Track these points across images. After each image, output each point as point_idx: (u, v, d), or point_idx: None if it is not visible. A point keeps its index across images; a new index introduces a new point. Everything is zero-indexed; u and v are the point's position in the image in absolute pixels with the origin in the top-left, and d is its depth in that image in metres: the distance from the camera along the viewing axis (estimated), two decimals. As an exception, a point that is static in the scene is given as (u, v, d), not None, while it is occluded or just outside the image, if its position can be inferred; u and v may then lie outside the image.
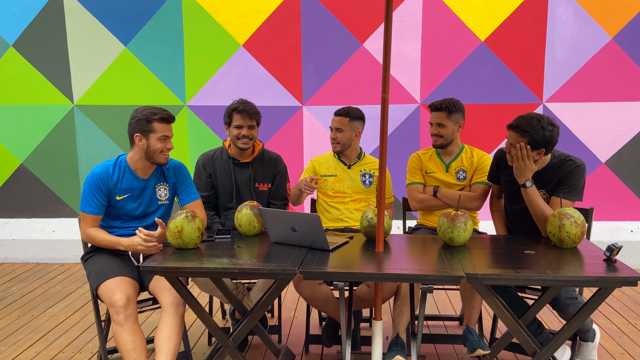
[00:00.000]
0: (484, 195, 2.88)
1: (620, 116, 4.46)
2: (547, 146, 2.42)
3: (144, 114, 2.48)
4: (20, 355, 2.94)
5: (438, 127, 2.88)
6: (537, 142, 2.39)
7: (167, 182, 2.65)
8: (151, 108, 2.50)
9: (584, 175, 2.51)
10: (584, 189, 2.55)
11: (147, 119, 2.46)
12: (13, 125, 4.79)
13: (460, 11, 4.40)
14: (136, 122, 2.48)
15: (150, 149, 2.49)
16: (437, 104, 2.89)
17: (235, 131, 2.82)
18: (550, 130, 2.39)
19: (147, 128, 2.47)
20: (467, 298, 2.61)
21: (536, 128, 2.38)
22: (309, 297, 2.60)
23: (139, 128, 2.47)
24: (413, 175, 3.01)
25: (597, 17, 4.32)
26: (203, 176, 2.89)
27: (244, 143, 2.83)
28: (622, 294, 3.77)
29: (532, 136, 2.39)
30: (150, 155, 2.51)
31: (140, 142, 2.49)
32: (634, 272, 1.92)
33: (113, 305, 2.26)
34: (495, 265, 2.11)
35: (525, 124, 2.40)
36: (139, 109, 2.51)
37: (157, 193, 2.62)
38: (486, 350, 2.42)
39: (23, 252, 4.76)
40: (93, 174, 2.49)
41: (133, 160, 2.55)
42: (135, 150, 2.53)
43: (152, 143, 2.48)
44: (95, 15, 4.55)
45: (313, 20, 4.49)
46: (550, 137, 2.39)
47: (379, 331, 2.27)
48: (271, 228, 2.36)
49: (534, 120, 2.40)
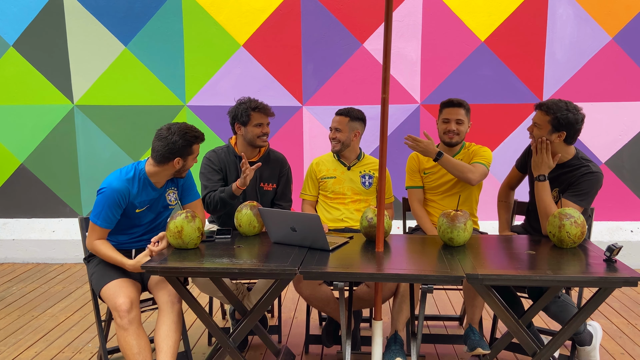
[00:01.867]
0: (482, 174, 2.81)
1: (620, 116, 4.46)
2: (569, 129, 2.44)
3: (187, 139, 2.39)
4: (20, 355, 2.95)
5: (457, 124, 2.84)
6: (560, 122, 2.42)
7: (176, 185, 2.62)
8: (189, 130, 2.42)
9: (596, 183, 2.46)
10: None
11: (190, 143, 2.41)
12: (13, 125, 4.79)
13: (460, 11, 4.40)
14: (178, 147, 2.39)
15: (186, 167, 2.49)
16: (455, 100, 2.86)
17: (256, 130, 2.80)
18: (575, 113, 2.43)
19: (187, 152, 2.43)
20: (470, 297, 2.61)
21: (562, 109, 2.43)
22: (309, 297, 2.60)
23: (180, 153, 2.41)
24: (412, 178, 3.00)
25: (597, 17, 4.32)
26: (214, 168, 2.85)
27: (264, 140, 2.84)
28: (622, 294, 3.77)
29: (556, 114, 2.42)
30: (179, 172, 2.51)
31: (177, 164, 2.44)
32: (634, 272, 1.92)
33: (116, 309, 2.25)
34: (495, 265, 2.11)
35: (552, 103, 2.47)
36: (177, 132, 2.38)
37: (167, 199, 2.60)
38: (486, 349, 2.42)
39: (23, 252, 4.76)
40: (114, 189, 2.37)
41: (154, 174, 2.47)
42: (167, 167, 2.45)
43: (188, 163, 2.48)
44: (95, 15, 4.55)
45: (313, 20, 4.49)
46: (574, 120, 2.43)
47: (379, 331, 2.27)
48: (271, 228, 2.36)
49: (562, 102, 2.46)
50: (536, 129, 2.50)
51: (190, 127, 2.45)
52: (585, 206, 2.47)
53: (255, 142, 2.82)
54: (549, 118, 2.44)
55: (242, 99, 2.87)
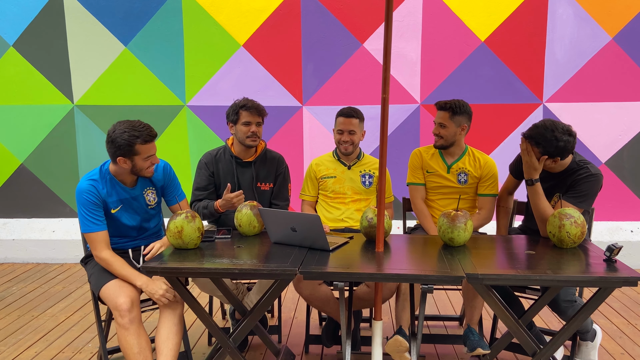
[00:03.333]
0: (493, 207, 2.87)
1: (620, 116, 4.46)
2: (562, 154, 2.40)
3: (125, 139, 2.29)
4: (20, 355, 2.94)
5: (439, 127, 2.84)
6: (551, 153, 2.38)
7: (154, 186, 2.59)
8: (130, 129, 2.31)
9: (596, 184, 2.45)
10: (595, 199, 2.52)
11: (129, 143, 2.30)
12: (13, 125, 4.79)
13: (460, 11, 4.40)
14: (117, 147, 2.31)
15: (137, 168, 2.39)
16: (442, 103, 2.83)
17: (243, 128, 2.80)
18: (565, 140, 2.35)
19: (130, 152, 2.33)
20: (469, 298, 2.61)
21: (550, 140, 2.35)
22: (308, 298, 2.60)
23: (120, 153, 2.33)
24: (414, 174, 2.98)
25: (597, 17, 4.32)
26: (205, 175, 2.89)
27: (253, 140, 2.82)
28: (622, 294, 3.77)
29: (546, 148, 2.37)
30: (136, 172, 2.42)
31: (125, 165, 2.37)
32: (634, 272, 1.93)
33: (117, 309, 2.25)
34: (495, 265, 2.11)
35: (539, 136, 2.37)
36: (118, 130, 2.31)
37: (146, 199, 2.55)
38: (486, 349, 2.42)
39: (23, 252, 4.76)
40: (81, 191, 2.36)
41: (117, 173, 2.45)
42: (119, 167, 2.40)
43: (138, 164, 2.38)
44: (95, 15, 4.55)
45: (313, 20, 4.49)
46: (564, 148, 2.36)
47: (379, 331, 2.27)
48: (271, 228, 2.36)
49: (548, 131, 2.35)
50: (529, 157, 2.44)
51: (134, 127, 2.32)
52: (585, 207, 2.46)
53: (244, 141, 2.82)
54: (540, 150, 2.40)
55: (237, 100, 2.88)
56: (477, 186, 2.89)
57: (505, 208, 2.85)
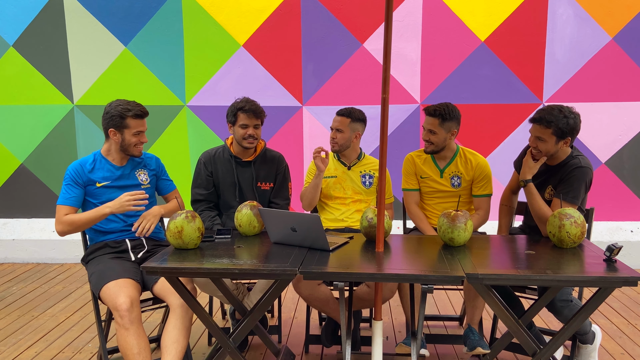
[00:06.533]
0: (489, 207, 2.87)
1: (620, 116, 4.46)
2: (572, 134, 2.45)
3: (118, 110, 2.53)
4: (20, 355, 2.94)
5: (429, 134, 2.81)
6: (563, 130, 2.42)
7: (146, 168, 2.73)
8: (125, 103, 2.55)
9: (583, 177, 2.46)
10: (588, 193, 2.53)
11: (121, 115, 2.52)
12: (13, 125, 4.79)
13: (460, 11, 4.40)
14: (110, 117, 2.54)
15: (125, 142, 2.58)
16: (431, 109, 2.79)
17: (241, 131, 2.80)
18: (573, 117, 2.43)
19: (121, 124, 2.53)
20: (471, 298, 2.60)
21: (559, 117, 2.41)
22: (308, 298, 2.60)
23: (113, 124, 2.54)
24: (408, 179, 2.98)
25: (597, 17, 4.32)
26: (204, 174, 2.89)
27: (250, 142, 2.82)
28: (622, 294, 3.77)
29: (558, 125, 2.41)
30: (125, 148, 2.59)
31: (115, 137, 2.57)
32: (634, 272, 1.92)
33: (117, 309, 2.25)
34: (495, 265, 2.11)
35: (549, 115, 2.43)
36: (113, 104, 2.56)
37: (137, 178, 2.68)
38: (486, 349, 2.42)
39: (23, 252, 4.76)
40: (68, 169, 2.56)
41: (108, 152, 2.63)
42: (110, 142, 2.61)
43: (126, 138, 2.57)
44: (95, 15, 4.55)
45: (313, 20, 4.49)
46: (574, 125, 2.43)
47: (379, 331, 2.27)
48: (271, 228, 2.36)
49: (555, 110, 2.43)
50: (541, 143, 2.48)
51: (128, 102, 2.56)
52: (577, 203, 2.48)
53: (241, 143, 2.83)
54: (551, 130, 2.42)
55: (238, 99, 2.87)
56: (471, 187, 2.89)
57: (508, 207, 2.85)
